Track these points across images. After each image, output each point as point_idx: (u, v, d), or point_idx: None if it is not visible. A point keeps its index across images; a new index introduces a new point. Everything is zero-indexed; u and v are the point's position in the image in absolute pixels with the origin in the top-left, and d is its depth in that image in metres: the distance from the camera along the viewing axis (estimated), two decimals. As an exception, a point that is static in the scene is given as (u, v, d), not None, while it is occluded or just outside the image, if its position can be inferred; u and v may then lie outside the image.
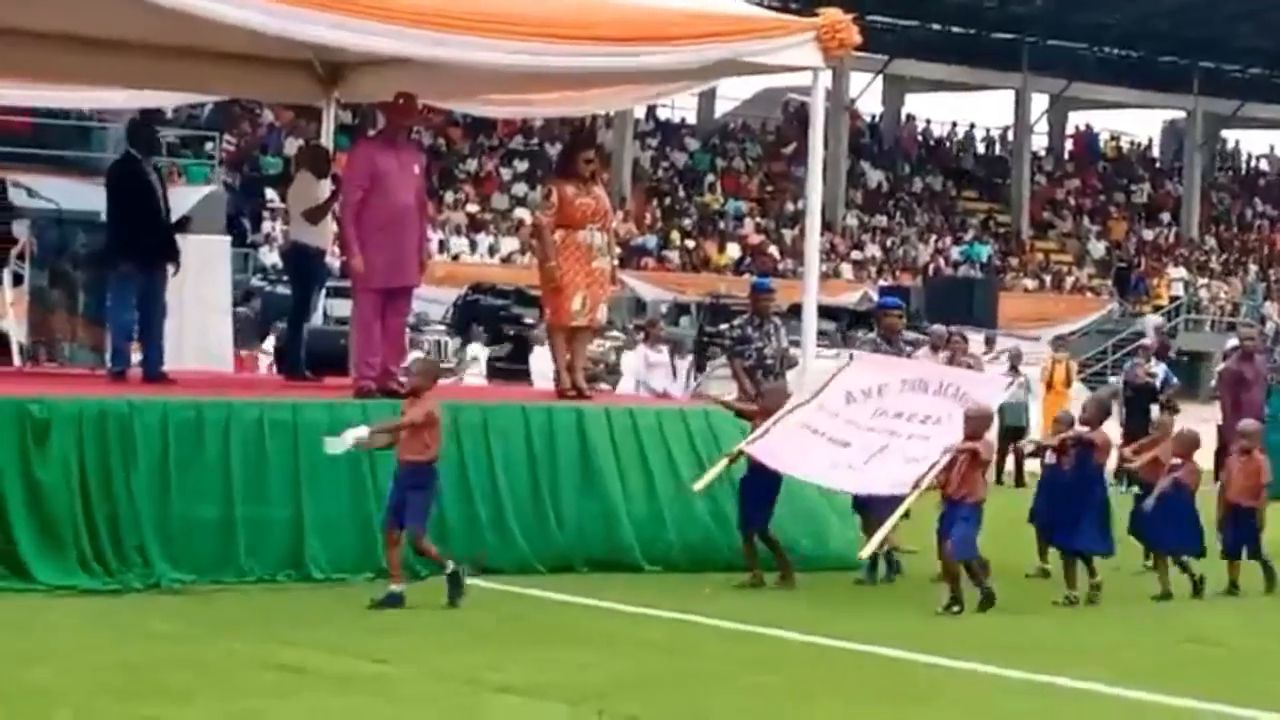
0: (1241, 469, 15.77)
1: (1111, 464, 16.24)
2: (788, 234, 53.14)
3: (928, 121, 68.05)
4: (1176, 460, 15.42)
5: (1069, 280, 59.63)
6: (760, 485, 14.75)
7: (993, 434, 25.21)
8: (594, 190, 16.09)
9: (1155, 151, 73.75)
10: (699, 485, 14.66)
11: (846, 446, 14.57)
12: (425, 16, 13.79)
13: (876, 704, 10.69)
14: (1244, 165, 75.10)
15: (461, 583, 12.86)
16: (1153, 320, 51.75)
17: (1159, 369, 26.19)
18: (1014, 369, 25.37)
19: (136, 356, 15.99)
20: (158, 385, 15.22)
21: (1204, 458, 16.74)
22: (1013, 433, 24.25)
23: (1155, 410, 25.27)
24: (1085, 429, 15.01)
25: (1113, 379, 28.40)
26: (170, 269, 16.07)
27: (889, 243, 57.35)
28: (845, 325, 37.53)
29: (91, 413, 13.30)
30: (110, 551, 13.13)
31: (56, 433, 13.05)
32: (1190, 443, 15.57)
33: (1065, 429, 15.28)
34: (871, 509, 14.52)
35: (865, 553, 14.23)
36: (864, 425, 14.79)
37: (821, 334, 22.89)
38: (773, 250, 52.65)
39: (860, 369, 15.69)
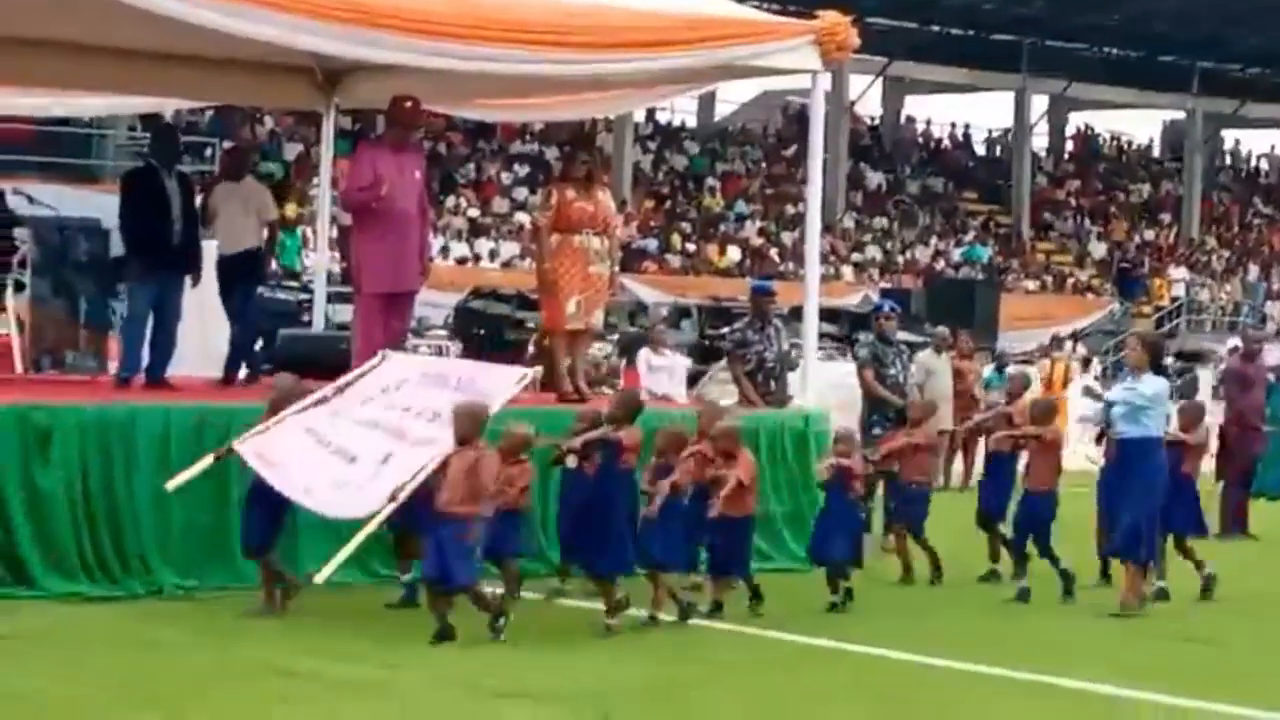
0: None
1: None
2: (788, 236, 53.09)
3: (928, 123, 68.00)
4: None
5: (1070, 281, 59.61)
6: (269, 498, 12.77)
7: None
8: (595, 195, 16.06)
9: (1155, 151, 73.67)
10: (172, 484, 12.87)
11: (353, 462, 12.66)
12: (424, 24, 13.77)
13: (886, 706, 10.70)
14: (1244, 165, 75.06)
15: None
16: None
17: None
18: (1000, 369, 25.45)
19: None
20: (159, 390, 15.21)
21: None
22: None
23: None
24: (611, 427, 12.71)
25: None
26: (189, 279, 16.04)
27: (889, 245, 57.32)
28: (846, 327, 37.48)
29: (93, 419, 13.29)
30: (113, 558, 13.14)
31: (58, 440, 13.03)
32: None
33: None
34: (409, 526, 12.60)
35: (320, 577, 11.98)
36: (373, 424, 13.04)
37: (823, 336, 22.93)
38: (773, 253, 52.61)
39: (389, 368, 13.94)
